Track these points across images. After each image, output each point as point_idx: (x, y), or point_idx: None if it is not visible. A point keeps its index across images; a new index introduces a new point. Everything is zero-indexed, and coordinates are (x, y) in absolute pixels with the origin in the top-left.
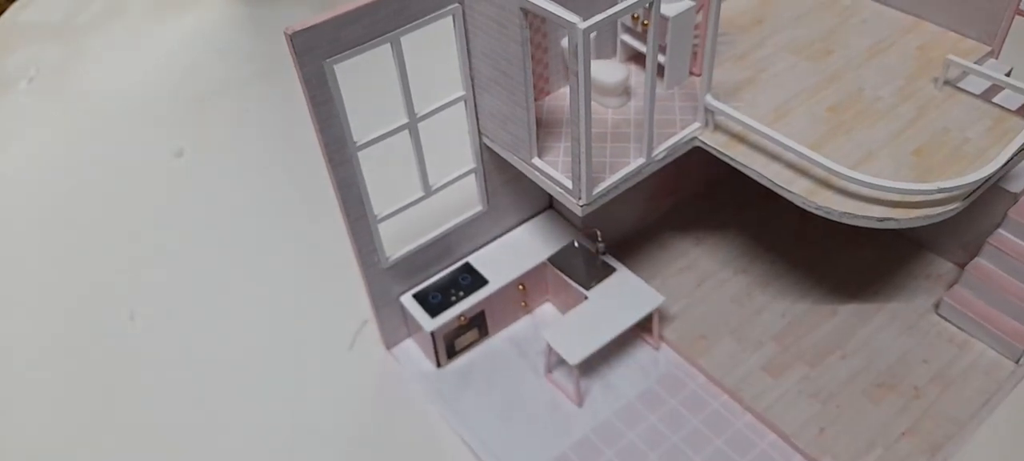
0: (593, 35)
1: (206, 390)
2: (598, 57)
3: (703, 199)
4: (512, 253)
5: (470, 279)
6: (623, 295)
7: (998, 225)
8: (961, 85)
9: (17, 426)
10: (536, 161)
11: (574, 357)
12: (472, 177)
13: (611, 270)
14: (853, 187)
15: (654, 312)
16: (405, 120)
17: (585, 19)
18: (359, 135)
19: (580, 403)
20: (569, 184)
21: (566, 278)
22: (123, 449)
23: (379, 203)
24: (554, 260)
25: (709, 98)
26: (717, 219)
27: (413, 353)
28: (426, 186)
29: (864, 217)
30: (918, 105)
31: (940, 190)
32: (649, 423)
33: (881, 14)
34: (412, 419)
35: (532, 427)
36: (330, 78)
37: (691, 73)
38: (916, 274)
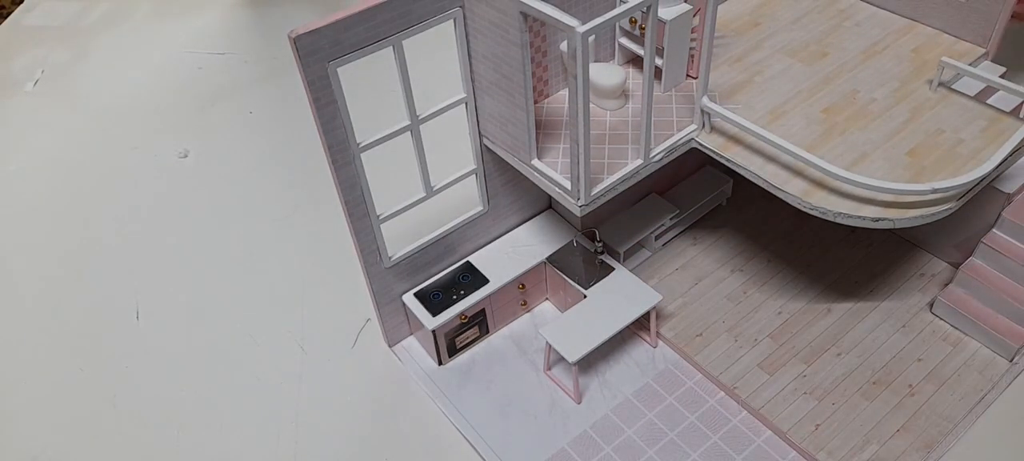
0: (592, 39)
1: (211, 387)
2: (597, 60)
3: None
4: (512, 252)
5: (471, 278)
6: (621, 294)
7: (992, 225)
8: (955, 87)
9: (24, 424)
10: (536, 162)
11: (573, 355)
12: (473, 178)
13: (609, 269)
14: (848, 188)
15: (651, 310)
16: (407, 122)
17: (584, 23)
18: (362, 136)
19: (579, 400)
20: (568, 185)
21: (565, 277)
22: (128, 447)
23: (381, 203)
24: (553, 259)
25: (705, 100)
26: (713, 219)
27: (415, 351)
28: (428, 187)
29: (859, 217)
30: (912, 107)
31: (934, 191)
32: (647, 419)
33: (876, 17)
34: (414, 415)
35: (531, 423)
36: (333, 80)
37: (688, 75)
38: (910, 273)
